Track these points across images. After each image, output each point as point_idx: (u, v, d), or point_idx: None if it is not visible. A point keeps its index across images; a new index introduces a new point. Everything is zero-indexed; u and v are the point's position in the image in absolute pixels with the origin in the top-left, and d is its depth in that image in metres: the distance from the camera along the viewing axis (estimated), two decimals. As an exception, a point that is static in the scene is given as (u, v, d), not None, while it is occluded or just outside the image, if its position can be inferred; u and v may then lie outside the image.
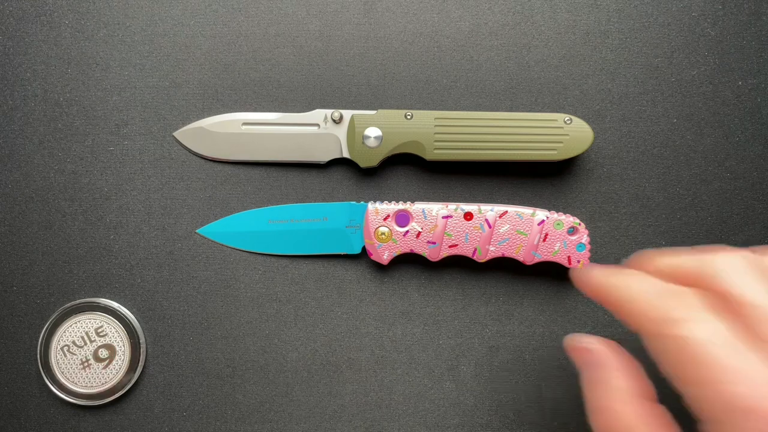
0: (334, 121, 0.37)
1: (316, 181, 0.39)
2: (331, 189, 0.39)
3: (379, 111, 0.37)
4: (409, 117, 0.37)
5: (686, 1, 0.40)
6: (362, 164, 0.38)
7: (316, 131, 0.38)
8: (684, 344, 0.24)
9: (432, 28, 0.39)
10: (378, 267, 0.39)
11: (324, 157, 0.38)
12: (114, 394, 0.38)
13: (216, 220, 0.38)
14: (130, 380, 0.38)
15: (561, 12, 0.39)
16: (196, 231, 0.38)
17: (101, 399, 0.38)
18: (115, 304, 0.38)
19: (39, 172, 0.39)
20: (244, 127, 0.38)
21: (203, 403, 0.38)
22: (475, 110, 0.39)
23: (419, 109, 0.39)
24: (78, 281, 0.38)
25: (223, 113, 0.39)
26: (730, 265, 0.26)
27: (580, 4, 0.39)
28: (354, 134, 0.37)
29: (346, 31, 0.39)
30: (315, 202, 0.38)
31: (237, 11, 0.39)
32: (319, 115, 0.38)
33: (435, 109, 0.39)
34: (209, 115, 0.39)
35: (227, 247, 0.38)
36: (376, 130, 0.37)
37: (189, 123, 0.39)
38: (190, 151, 0.38)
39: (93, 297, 0.38)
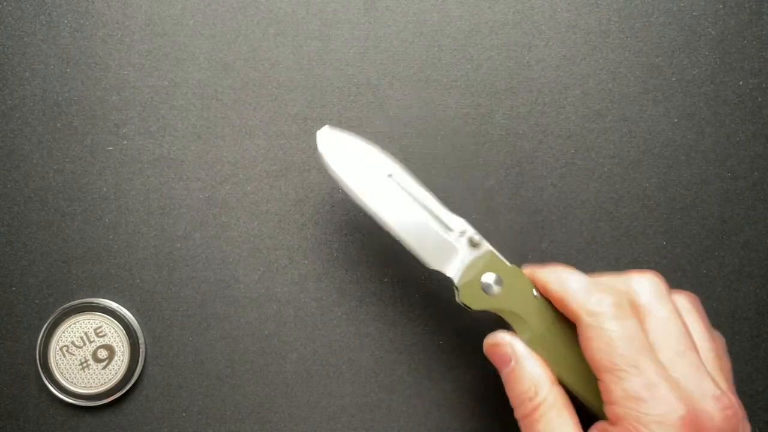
0: (471, 243, 0.33)
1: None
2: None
3: (516, 267, 0.33)
4: (536, 295, 0.33)
5: (686, 1, 0.40)
6: (465, 301, 0.33)
7: (445, 236, 0.34)
8: (607, 336, 0.29)
9: (432, 27, 0.39)
10: (377, 267, 0.39)
11: (433, 263, 0.34)
12: (113, 395, 0.38)
13: (215, 219, 0.38)
14: (129, 381, 0.38)
15: (561, 11, 0.39)
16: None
17: (100, 399, 0.38)
18: (114, 305, 0.38)
19: (38, 172, 0.38)
20: (387, 177, 0.34)
21: (203, 404, 0.38)
22: (476, 110, 0.39)
23: (419, 107, 0.39)
24: (77, 281, 0.38)
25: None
26: (645, 285, 0.31)
27: (580, 4, 0.39)
28: (475, 271, 0.33)
29: (346, 31, 0.39)
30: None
31: (236, 11, 0.39)
32: (462, 225, 0.34)
33: (435, 110, 0.39)
34: (209, 114, 0.39)
35: (225, 245, 0.38)
36: (496, 279, 0.33)
37: (186, 123, 0.38)
38: (322, 158, 0.34)
39: (92, 297, 0.38)
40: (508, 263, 0.33)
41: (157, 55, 0.39)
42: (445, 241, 0.34)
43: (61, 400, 0.38)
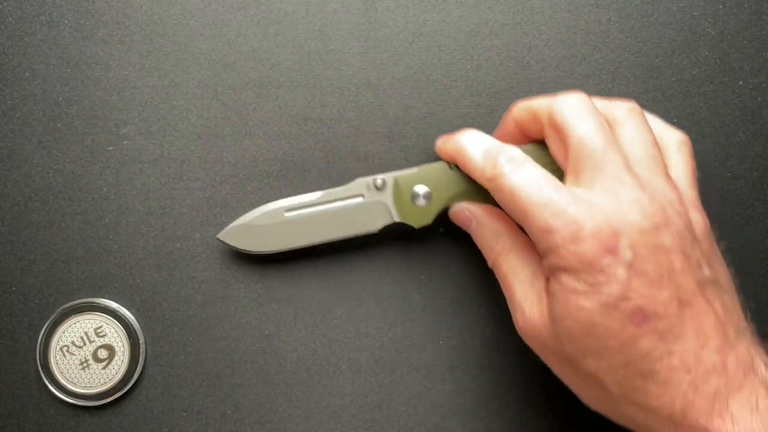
0: (377, 188, 0.36)
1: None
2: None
3: (420, 167, 0.36)
4: (452, 168, 0.36)
5: (686, 1, 0.40)
6: (417, 225, 0.36)
7: (362, 202, 0.37)
8: (509, 191, 0.31)
9: (432, 28, 0.39)
10: (376, 267, 0.39)
11: (375, 225, 0.37)
12: (113, 395, 0.38)
13: (215, 219, 0.38)
14: (129, 381, 0.38)
15: (561, 12, 0.39)
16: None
17: (101, 399, 0.38)
18: (114, 305, 0.38)
19: (38, 172, 0.38)
20: (287, 214, 0.37)
21: (203, 404, 0.38)
22: (475, 110, 0.39)
23: (419, 107, 0.39)
24: (77, 281, 0.38)
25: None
26: (568, 104, 0.31)
27: (580, 4, 0.39)
28: (401, 196, 0.36)
29: (346, 31, 0.39)
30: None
31: (237, 11, 0.39)
32: (360, 184, 0.37)
33: (435, 110, 0.39)
34: (209, 114, 0.39)
35: (226, 249, 0.38)
36: (424, 187, 0.36)
37: (186, 123, 0.39)
38: (238, 250, 0.37)
39: (92, 297, 0.38)
40: (414, 169, 0.36)
41: (157, 55, 0.39)
42: (362, 205, 0.36)
43: (61, 400, 0.38)
